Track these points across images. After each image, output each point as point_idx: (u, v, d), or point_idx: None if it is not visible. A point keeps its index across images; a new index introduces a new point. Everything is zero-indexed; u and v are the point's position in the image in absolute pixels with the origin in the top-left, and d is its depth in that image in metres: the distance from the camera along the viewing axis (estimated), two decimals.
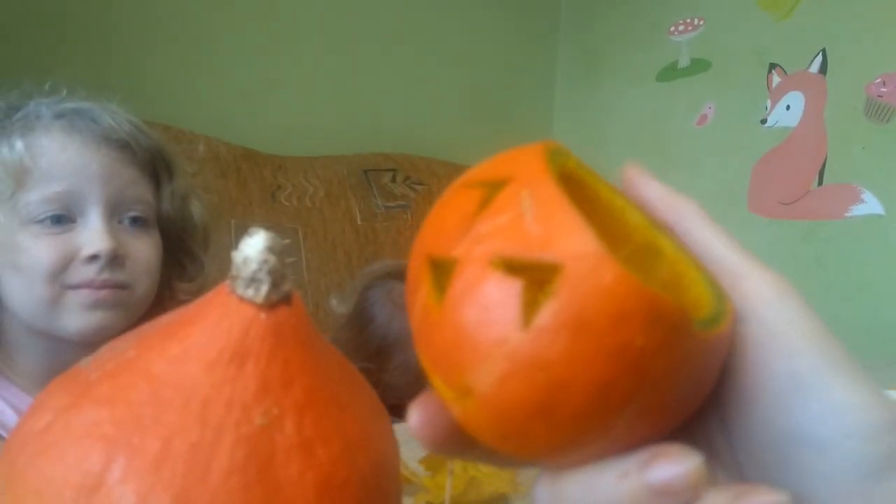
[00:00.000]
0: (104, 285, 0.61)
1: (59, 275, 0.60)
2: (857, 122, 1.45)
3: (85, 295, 0.61)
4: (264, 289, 0.25)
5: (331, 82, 1.68)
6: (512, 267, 0.19)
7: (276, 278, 0.26)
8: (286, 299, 0.26)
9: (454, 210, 0.22)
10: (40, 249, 0.60)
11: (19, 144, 0.60)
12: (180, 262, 0.71)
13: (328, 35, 1.67)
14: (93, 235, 0.60)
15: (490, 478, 0.54)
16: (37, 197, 0.60)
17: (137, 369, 0.26)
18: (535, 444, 0.20)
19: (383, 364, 1.09)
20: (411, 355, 0.93)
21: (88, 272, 0.60)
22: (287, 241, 1.40)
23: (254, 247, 0.25)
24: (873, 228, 1.43)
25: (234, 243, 0.26)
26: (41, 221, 0.60)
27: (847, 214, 1.47)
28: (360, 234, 1.52)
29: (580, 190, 0.23)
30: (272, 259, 0.25)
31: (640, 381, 0.19)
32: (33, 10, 1.30)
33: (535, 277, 0.19)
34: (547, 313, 0.18)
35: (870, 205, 1.44)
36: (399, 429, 0.30)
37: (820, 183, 1.52)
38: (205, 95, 1.49)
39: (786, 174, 1.57)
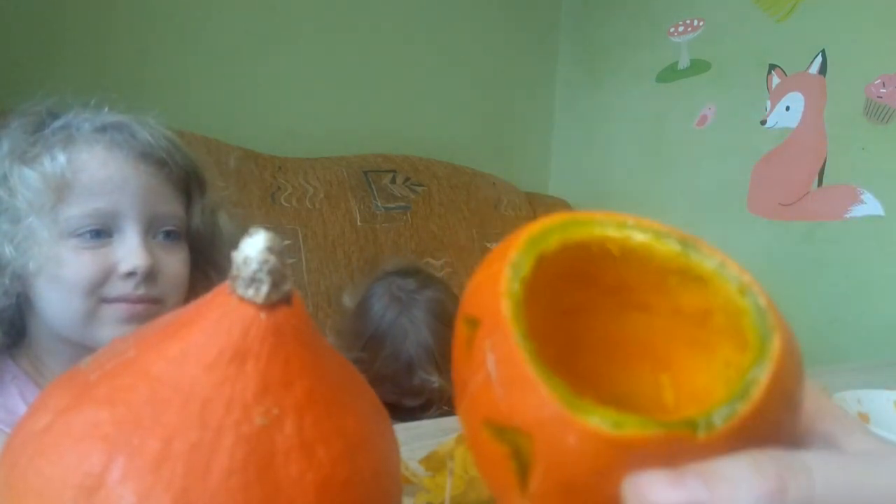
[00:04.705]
0: (140, 300, 0.63)
1: (96, 289, 0.62)
2: (857, 124, 1.45)
3: (121, 309, 0.62)
4: (264, 289, 0.25)
5: (331, 83, 1.68)
6: (496, 430, 0.19)
7: (277, 278, 0.25)
8: (286, 299, 0.26)
9: (457, 345, 0.22)
10: (80, 263, 0.61)
11: (61, 158, 0.61)
12: (206, 274, 0.73)
13: (328, 36, 1.67)
14: (130, 251, 0.62)
15: None
16: (77, 212, 0.61)
17: (137, 370, 0.26)
18: None
19: (375, 353, 1.12)
20: (399, 346, 0.95)
21: (125, 287, 0.62)
22: (287, 242, 1.40)
23: (254, 247, 0.25)
24: (873, 229, 1.43)
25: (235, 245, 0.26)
26: (80, 236, 0.61)
27: (847, 215, 1.47)
28: (360, 236, 1.52)
29: (586, 257, 0.22)
30: (272, 259, 0.25)
31: None
32: (31, 12, 1.30)
33: (518, 442, 0.19)
34: (535, 482, 0.19)
35: (869, 205, 1.44)
36: (399, 429, 0.30)
37: (820, 184, 1.52)
38: (204, 96, 1.49)
39: (786, 175, 1.57)
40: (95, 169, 0.62)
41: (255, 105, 1.57)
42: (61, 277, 0.61)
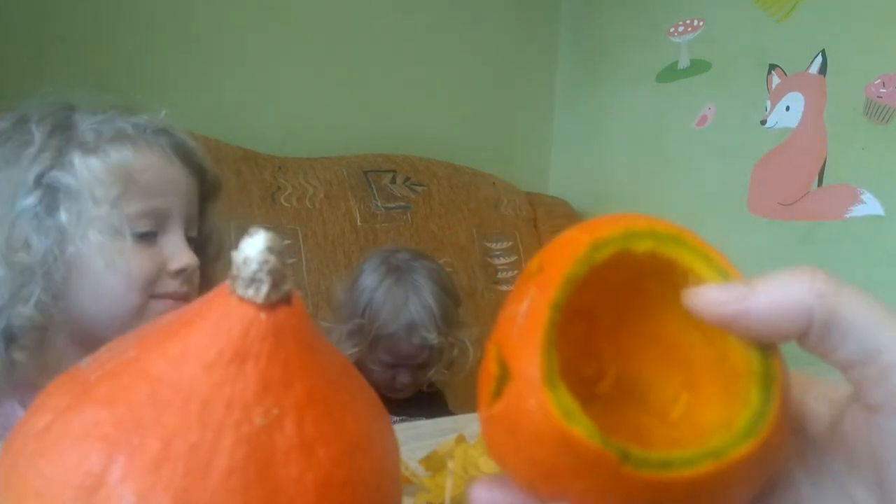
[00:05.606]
0: (183, 297, 0.66)
1: (150, 285, 0.64)
2: (857, 123, 1.45)
3: (167, 305, 0.65)
4: (264, 289, 0.25)
5: (330, 83, 1.68)
6: (497, 355, 0.23)
7: (277, 278, 0.25)
8: (286, 299, 0.26)
9: (524, 272, 0.25)
10: (140, 259, 0.63)
11: (128, 153, 0.63)
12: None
13: (328, 36, 1.67)
14: (179, 250, 0.65)
15: None
16: (137, 209, 0.63)
17: (137, 370, 0.26)
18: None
19: (374, 316, 1.16)
20: (399, 308, 0.97)
21: (174, 284, 0.65)
22: (287, 242, 1.40)
23: (254, 247, 0.25)
24: (873, 229, 1.43)
25: (234, 244, 0.26)
26: (135, 233, 0.63)
27: (847, 215, 1.47)
28: (360, 235, 1.52)
29: (647, 274, 0.24)
30: (272, 259, 0.25)
31: (559, 492, 0.22)
32: (30, 12, 1.30)
33: (504, 374, 0.22)
34: (497, 408, 0.22)
35: (870, 205, 1.44)
36: (399, 429, 0.30)
37: (820, 184, 1.52)
38: (204, 96, 1.49)
39: (785, 175, 1.57)
40: (159, 169, 0.65)
41: (255, 105, 1.57)
42: (122, 272, 0.62)
